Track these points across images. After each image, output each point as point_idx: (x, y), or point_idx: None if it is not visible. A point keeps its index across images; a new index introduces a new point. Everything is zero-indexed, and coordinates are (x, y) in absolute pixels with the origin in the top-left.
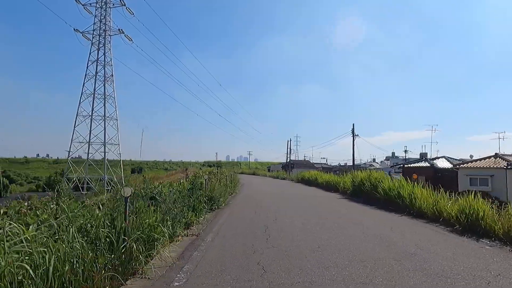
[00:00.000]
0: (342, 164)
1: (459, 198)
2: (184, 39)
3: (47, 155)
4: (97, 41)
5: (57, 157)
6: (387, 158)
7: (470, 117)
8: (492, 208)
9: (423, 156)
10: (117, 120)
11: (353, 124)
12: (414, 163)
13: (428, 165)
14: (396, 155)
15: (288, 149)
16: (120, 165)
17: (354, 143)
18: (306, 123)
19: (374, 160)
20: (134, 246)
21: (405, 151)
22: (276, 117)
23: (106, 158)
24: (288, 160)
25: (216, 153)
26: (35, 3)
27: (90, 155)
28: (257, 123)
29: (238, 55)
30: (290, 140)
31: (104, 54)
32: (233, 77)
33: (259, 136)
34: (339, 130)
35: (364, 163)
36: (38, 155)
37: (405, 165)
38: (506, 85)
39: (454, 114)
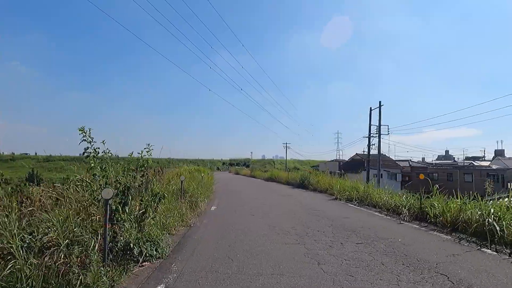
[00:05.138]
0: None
1: None
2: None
3: (62, 154)
4: None
5: (50, 154)
6: (439, 158)
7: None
8: None
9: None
10: None
11: None
12: None
13: None
14: (449, 153)
15: (379, 123)
16: None
17: None
18: (333, 120)
19: (411, 160)
20: None
21: None
22: (309, 114)
23: None
24: (378, 149)
25: (251, 152)
26: None
27: None
28: (291, 117)
29: (264, 51)
30: (381, 106)
31: None
32: (260, 72)
33: (296, 129)
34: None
35: (457, 162)
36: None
37: None
38: None
39: (497, 111)
